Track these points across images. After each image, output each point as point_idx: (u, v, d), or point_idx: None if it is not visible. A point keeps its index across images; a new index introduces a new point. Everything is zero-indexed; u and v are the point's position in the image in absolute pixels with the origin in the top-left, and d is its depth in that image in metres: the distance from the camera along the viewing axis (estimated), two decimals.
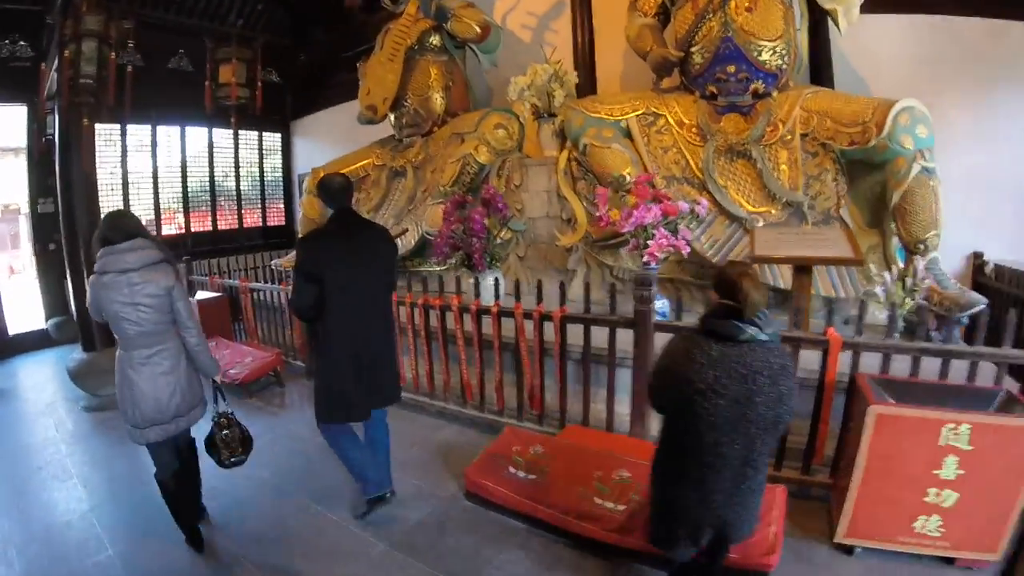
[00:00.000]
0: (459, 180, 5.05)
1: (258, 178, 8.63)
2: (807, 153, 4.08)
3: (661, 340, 2.98)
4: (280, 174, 8.92)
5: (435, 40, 5.60)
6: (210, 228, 7.97)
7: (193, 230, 7.81)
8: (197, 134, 7.85)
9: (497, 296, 3.89)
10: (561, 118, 4.85)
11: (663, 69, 4.52)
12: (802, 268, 3.43)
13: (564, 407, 3.48)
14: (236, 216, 8.24)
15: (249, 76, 6.78)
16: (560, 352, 3.37)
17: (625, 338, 3.18)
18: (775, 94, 4.24)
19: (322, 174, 6.10)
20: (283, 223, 8.96)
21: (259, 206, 8.67)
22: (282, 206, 8.96)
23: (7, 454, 3.94)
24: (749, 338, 1.61)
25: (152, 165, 7.41)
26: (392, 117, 5.93)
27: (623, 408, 3.37)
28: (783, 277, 3.88)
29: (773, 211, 4.12)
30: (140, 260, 2.44)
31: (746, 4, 4.14)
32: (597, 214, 3.87)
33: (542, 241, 4.97)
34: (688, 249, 3.75)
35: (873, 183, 4.01)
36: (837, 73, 4.65)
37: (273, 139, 8.76)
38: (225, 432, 2.77)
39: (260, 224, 8.68)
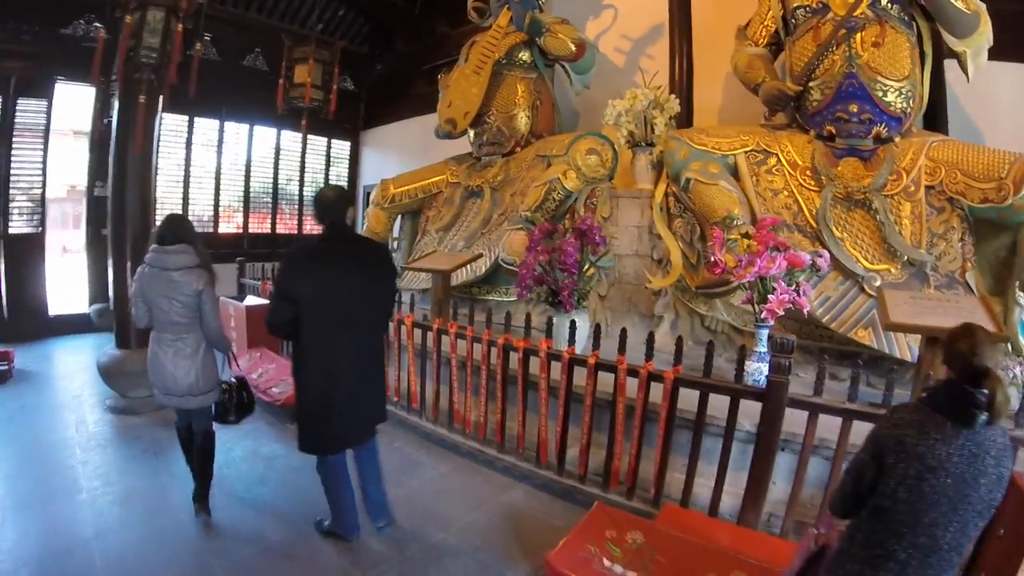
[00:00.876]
0: (542, 206, 4.97)
1: (323, 184, 8.47)
2: (932, 208, 3.87)
3: (794, 417, 2.80)
4: (346, 183, 8.92)
5: (525, 56, 5.49)
6: (269, 230, 7.84)
7: (251, 231, 7.69)
8: (265, 134, 8.05)
9: (572, 341, 3.56)
10: (660, 148, 4.79)
11: (777, 104, 4.39)
12: (935, 339, 3.13)
13: (661, 482, 3.19)
14: (296, 221, 8.15)
15: (325, 79, 6.75)
16: (668, 419, 3.11)
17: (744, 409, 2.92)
18: (897, 140, 4.06)
19: (391, 187, 5.91)
20: None
21: None
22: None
23: (20, 452, 3.79)
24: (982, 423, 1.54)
25: (216, 161, 7.53)
26: (471, 133, 5.91)
27: (732, 490, 3.05)
28: (899, 346, 3.68)
29: (893, 270, 3.89)
30: (178, 263, 2.86)
31: (873, 39, 3.97)
32: (712, 259, 3.61)
33: (627, 281, 4.83)
34: (808, 307, 3.37)
35: (998, 246, 3.82)
36: (951, 121, 4.47)
37: (341, 147, 8.90)
38: (224, 396, 3.16)
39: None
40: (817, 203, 4.12)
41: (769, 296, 3.45)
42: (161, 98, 4.76)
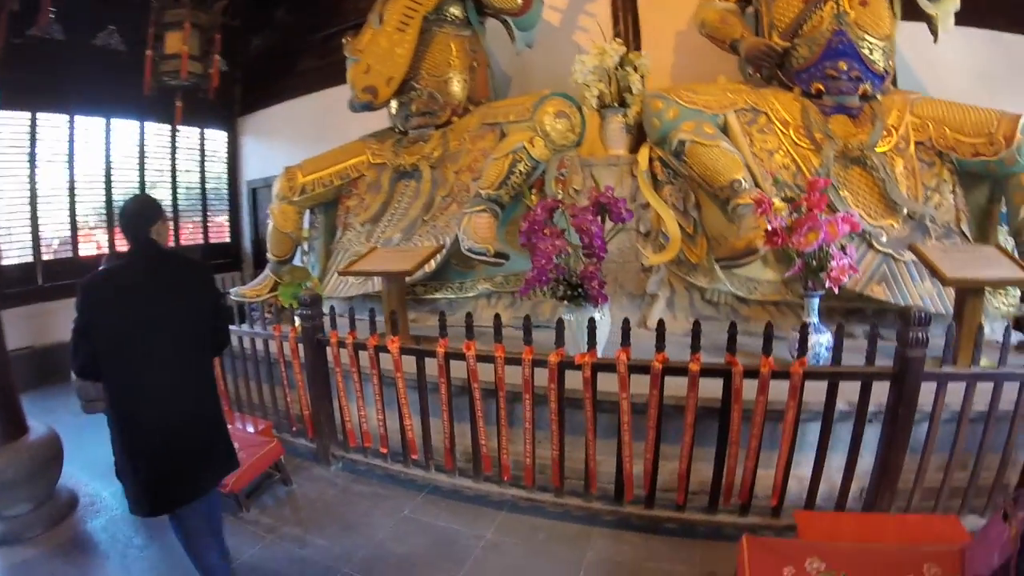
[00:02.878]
0: (507, 181, 4.27)
1: (198, 185, 7.02)
2: (922, 162, 3.88)
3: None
4: (224, 180, 7.24)
5: (456, 10, 4.77)
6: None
7: (119, 249, 6.05)
8: (125, 129, 6.28)
9: (593, 342, 2.92)
10: (639, 109, 4.25)
11: (763, 61, 4.17)
12: (970, 290, 3.16)
13: (783, 487, 2.70)
14: (172, 233, 6.45)
15: (204, 48, 5.09)
16: (795, 420, 2.62)
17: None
18: (880, 97, 4.03)
19: (299, 175, 4.79)
20: (227, 240, 7.35)
21: (199, 220, 7.07)
22: (226, 219, 7.30)
23: None
24: None
25: (69, 166, 5.77)
26: (394, 104, 5.00)
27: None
28: (912, 296, 3.66)
29: (895, 224, 3.84)
30: None
31: None
32: (769, 227, 3.27)
33: (611, 259, 4.24)
34: (858, 272, 3.12)
35: (979, 196, 3.95)
36: (900, 82, 4.49)
37: (217, 138, 7.24)
38: None
39: (201, 241, 7.11)
40: (813, 162, 3.98)
41: (831, 263, 3.14)
42: None
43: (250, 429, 3.64)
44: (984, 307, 3.40)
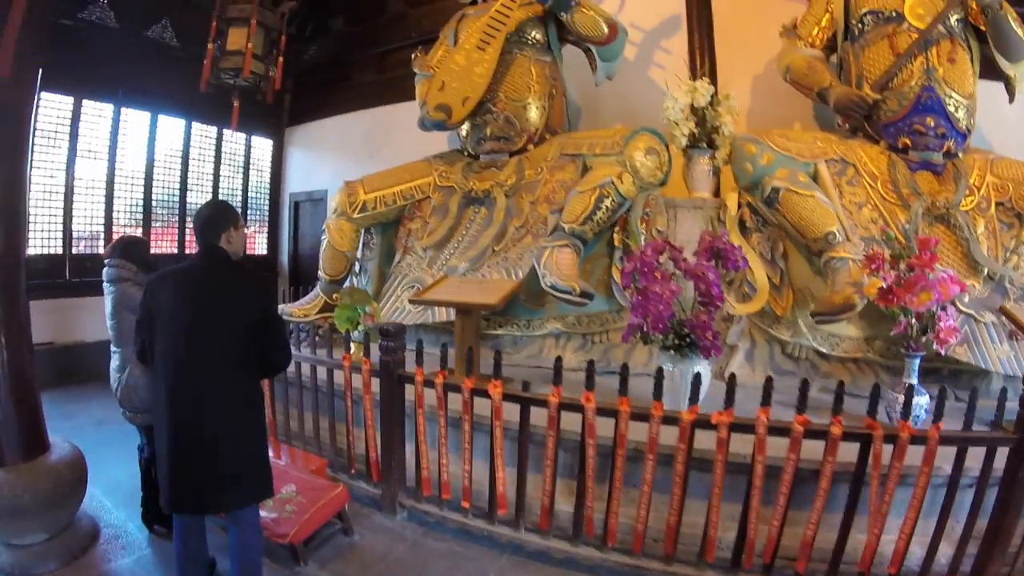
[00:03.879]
0: (592, 217, 4.14)
1: (240, 193, 6.69)
2: (1002, 223, 3.91)
3: None
4: (267, 190, 7.01)
5: (538, 34, 4.71)
6: (176, 250, 5.80)
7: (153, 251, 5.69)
8: (170, 127, 6.02)
9: (696, 398, 2.77)
10: (728, 151, 4.23)
11: (855, 111, 4.11)
12: None
13: (904, 554, 2.61)
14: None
15: (268, 48, 4.82)
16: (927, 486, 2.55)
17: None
18: (962, 156, 4.08)
19: (361, 191, 4.55)
20: (265, 252, 7.05)
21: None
22: (266, 232, 7.02)
23: None
24: None
25: (110, 159, 5.43)
26: (466, 126, 4.84)
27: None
28: (992, 360, 3.63)
29: (976, 285, 3.82)
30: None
31: (948, 54, 3.92)
32: (884, 285, 3.24)
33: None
34: (960, 333, 3.35)
35: None
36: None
37: (262, 147, 6.93)
38: None
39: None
40: (900, 217, 3.98)
41: (939, 324, 3.17)
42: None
43: (300, 465, 3.38)
44: None
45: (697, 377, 2.94)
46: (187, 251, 6.30)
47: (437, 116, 4.62)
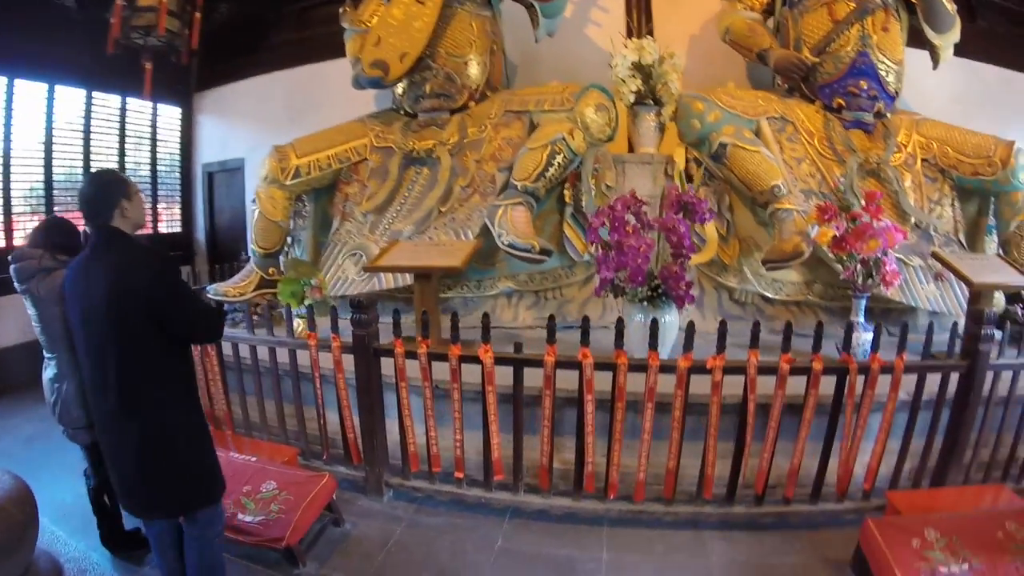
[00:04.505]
0: (544, 174, 4.03)
1: (148, 166, 5.99)
2: (927, 177, 4.26)
3: None
4: (177, 162, 6.26)
5: None
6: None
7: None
8: (69, 98, 5.25)
9: (654, 344, 2.82)
10: (674, 108, 4.33)
11: (793, 73, 4.34)
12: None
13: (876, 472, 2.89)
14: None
15: (183, 3, 4.18)
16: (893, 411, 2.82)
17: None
18: (890, 116, 4.35)
19: (293, 156, 4.28)
20: (179, 229, 6.40)
21: (148, 206, 6.01)
22: (178, 207, 6.33)
23: None
24: None
25: (4, 138, 4.77)
26: (403, 84, 4.56)
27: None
28: (921, 298, 3.99)
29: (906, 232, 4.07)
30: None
31: (882, 23, 4.19)
32: (835, 234, 3.46)
33: None
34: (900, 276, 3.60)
35: (970, 209, 4.37)
36: None
37: (170, 115, 6.18)
38: None
39: (150, 231, 6.06)
40: (836, 172, 4.25)
41: (884, 268, 3.42)
42: None
43: (270, 458, 3.04)
44: None
45: (655, 324, 2.82)
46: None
47: (373, 73, 4.28)
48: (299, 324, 3.82)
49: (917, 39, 4.32)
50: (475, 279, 4.37)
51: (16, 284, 2.52)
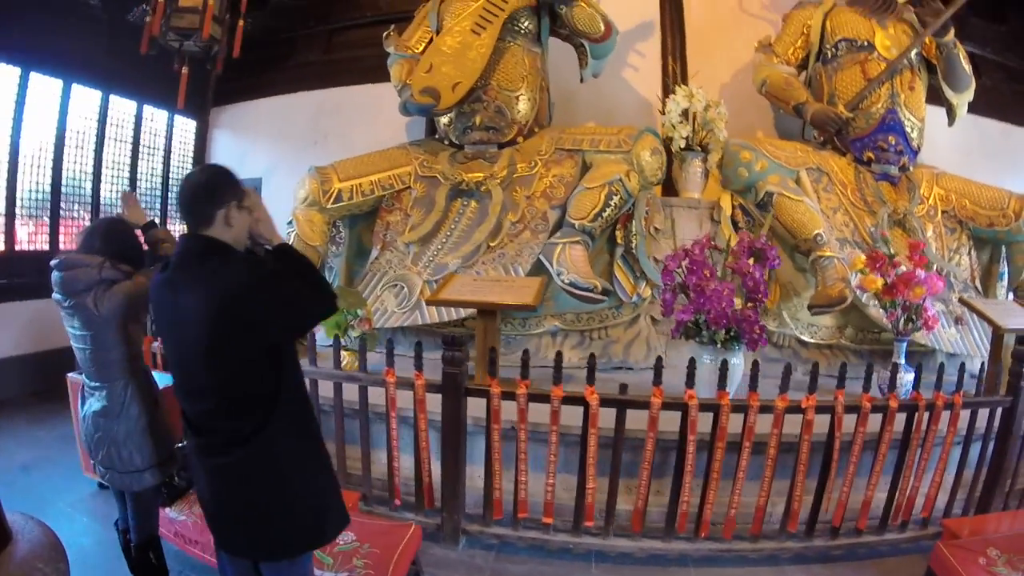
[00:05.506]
0: (601, 214, 4.17)
1: (160, 179, 5.74)
2: (947, 228, 4.64)
3: None
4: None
5: (530, 23, 4.67)
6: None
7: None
8: (85, 99, 5.02)
9: (723, 384, 3.00)
10: (721, 155, 4.56)
11: (829, 126, 4.64)
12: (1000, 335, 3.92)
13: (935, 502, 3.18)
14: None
15: (226, 8, 4.07)
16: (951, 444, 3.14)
17: None
18: (912, 170, 4.75)
19: (335, 179, 4.32)
20: None
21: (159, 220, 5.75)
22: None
23: None
24: None
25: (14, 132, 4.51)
26: (450, 114, 4.59)
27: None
28: (944, 342, 4.30)
29: None
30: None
31: (909, 83, 4.57)
32: (885, 282, 3.70)
33: None
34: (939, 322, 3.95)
35: (984, 258, 4.80)
36: None
37: (184, 128, 5.97)
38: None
39: None
40: (867, 222, 4.55)
41: (927, 313, 3.73)
42: None
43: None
44: None
45: (724, 365, 3.10)
46: None
47: (423, 100, 4.32)
48: (347, 357, 3.73)
49: (934, 97, 4.75)
50: (520, 317, 4.40)
51: (59, 296, 2.19)
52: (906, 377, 3.63)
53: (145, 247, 2.53)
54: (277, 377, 1.70)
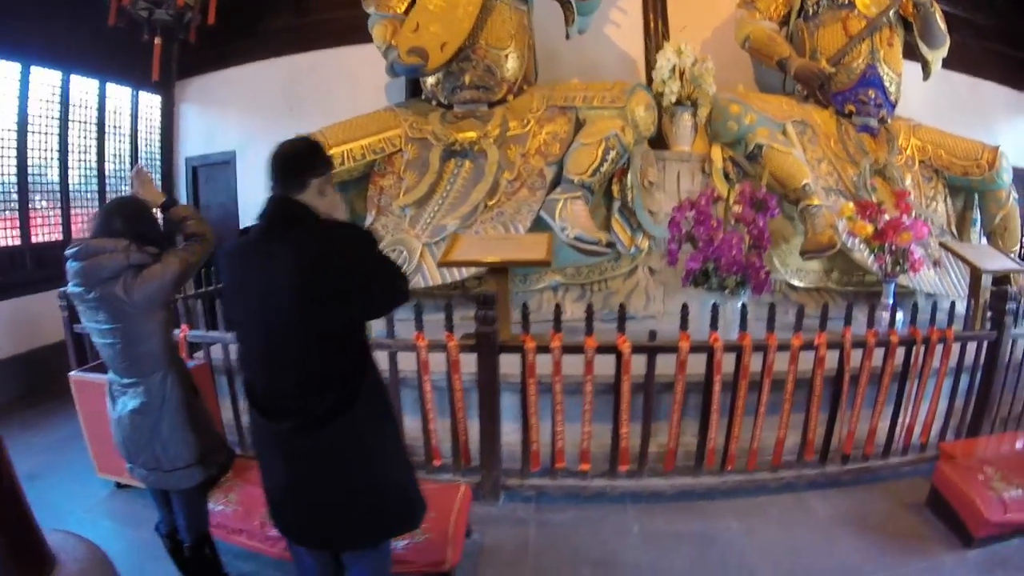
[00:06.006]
0: (599, 169, 4.23)
1: (129, 159, 5.51)
2: (924, 176, 4.95)
3: None
4: (157, 155, 5.83)
5: None
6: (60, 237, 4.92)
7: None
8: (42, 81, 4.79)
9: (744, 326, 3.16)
10: (710, 109, 4.70)
11: (812, 81, 4.82)
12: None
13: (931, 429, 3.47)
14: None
15: None
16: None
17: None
18: (890, 122, 5.00)
19: (327, 145, 4.17)
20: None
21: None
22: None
23: None
24: None
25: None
26: (438, 74, 4.54)
27: None
28: (924, 283, 4.59)
29: None
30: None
31: (888, 39, 4.81)
32: (875, 228, 3.91)
33: (683, 251, 4.30)
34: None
35: (958, 205, 5.12)
36: None
37: (149, 103, 5.71)
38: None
39: None
40: (849, 172, 4.78)
41: (913, 257, 3.95)
42: None
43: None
44: None
45: (744, 308, 3.25)
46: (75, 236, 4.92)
47: (411, 60, 4.27)
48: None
49: (908, 52, 4.97)
50: (520, 273, 4.46)
51: (79, 289, 1.99)
52: (899, 315, 3.90)
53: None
54: (363, 354, 1.72)
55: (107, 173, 5.43)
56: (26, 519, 1.70)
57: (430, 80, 4.60)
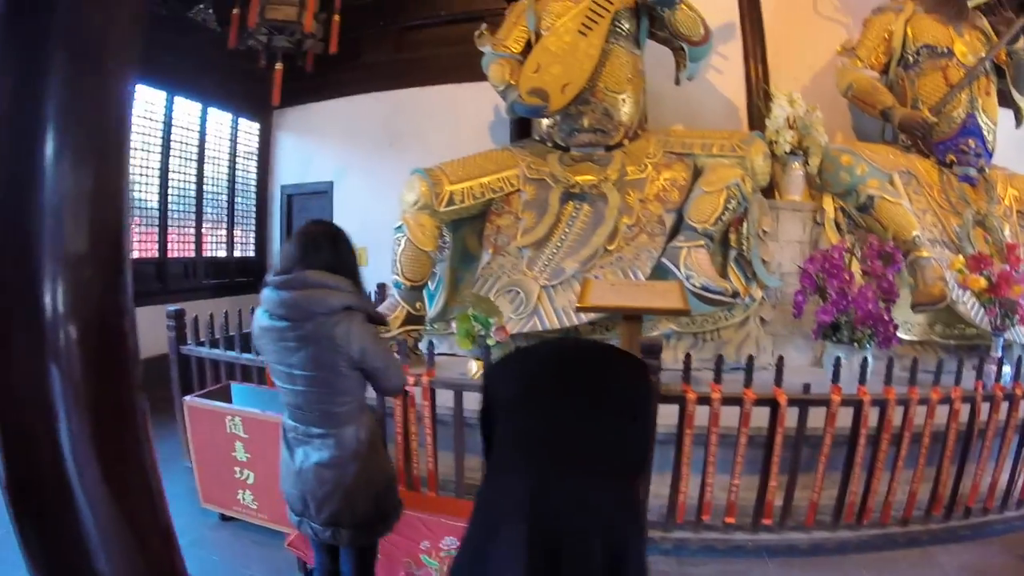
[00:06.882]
0: (721, 217, 4.43)
1: (227, 184, 5.73)
2: (1021, 227, 5.12)
3: None
4: (253, 180, 6.05)
5: (630, 25, 4.85)
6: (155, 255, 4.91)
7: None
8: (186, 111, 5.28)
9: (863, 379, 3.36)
10: (821, 160, 4.90)
11: (916, 130, 5.00)
12: None
13: None
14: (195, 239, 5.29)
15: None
16: None
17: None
18: (987, 172, 5.21)
19: (446, 181, 4.55)
20: (253, 254, 6.15)
21: (225, 227, 5.77)
22: (252, 230, 6.09)
23: None
24: None
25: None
26: (556, 117, 4.76)
27: None
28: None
29: None
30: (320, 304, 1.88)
31: (986, 88, 5.06)
32: (988, 282, 4.10)
33: (790, 302, 4.52)
34: None
35: None
36: None
37: (248, 130, 5.96)
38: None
39: (224, 254, 5.79)
40: (952, 222, 4.95)
41: (1022, 310, 4.16)
42: None
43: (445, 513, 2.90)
44: None
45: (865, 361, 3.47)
46: (170, 256, 5.16)
47: (532, 101, 4.48)
48: (476, 366, 3.93)
49: (1002, 100, 5.18)
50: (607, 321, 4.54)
51: (282, 324, 1.85)
52: (1005, 369, 3.96)
53: None
54: None
55: (205, 195, 5.68)
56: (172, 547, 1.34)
57: (545, 122, 4.81)
